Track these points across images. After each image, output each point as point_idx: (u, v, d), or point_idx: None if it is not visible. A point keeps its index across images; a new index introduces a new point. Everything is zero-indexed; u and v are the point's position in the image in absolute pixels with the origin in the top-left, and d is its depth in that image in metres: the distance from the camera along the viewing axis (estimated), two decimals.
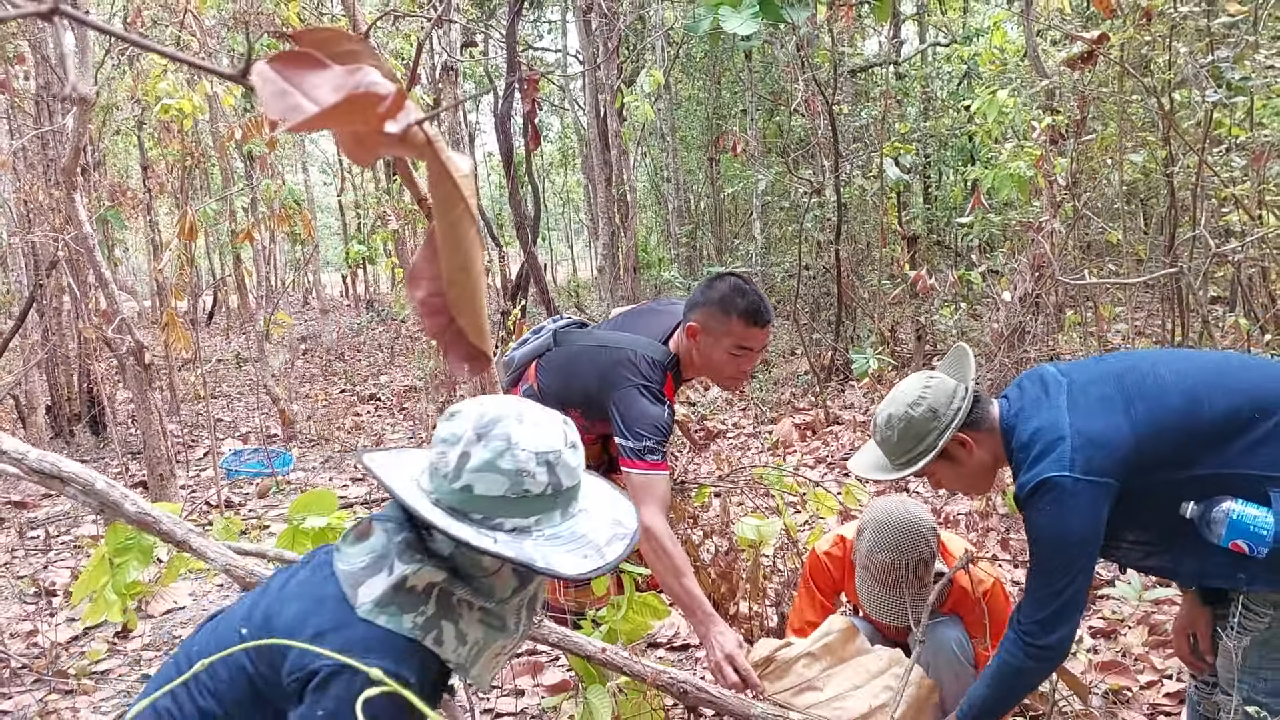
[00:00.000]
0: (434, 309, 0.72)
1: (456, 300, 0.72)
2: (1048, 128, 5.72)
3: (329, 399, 10.78)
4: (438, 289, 0.72)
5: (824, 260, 9.82)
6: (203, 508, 6.44)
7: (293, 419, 8.84)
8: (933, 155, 10.55)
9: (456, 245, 0.71)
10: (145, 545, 2.78)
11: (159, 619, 4.62)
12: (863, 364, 7.65)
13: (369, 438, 8.71)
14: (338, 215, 22.80)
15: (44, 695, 3.81)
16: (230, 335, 17.50)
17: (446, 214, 0.70)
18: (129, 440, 8.54)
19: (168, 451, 5.85)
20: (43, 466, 2.50)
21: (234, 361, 13.77)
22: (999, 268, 8.13)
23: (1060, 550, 2.06)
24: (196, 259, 10.06)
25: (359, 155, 0.69)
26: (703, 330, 2.80)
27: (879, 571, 2.61)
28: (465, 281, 0.71)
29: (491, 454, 1.52)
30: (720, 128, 13.40)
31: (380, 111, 0.60)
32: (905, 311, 8.95)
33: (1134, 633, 3.52)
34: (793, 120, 11.48)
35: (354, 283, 22.90)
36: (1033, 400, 2.17)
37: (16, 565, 5.58)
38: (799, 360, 9.70)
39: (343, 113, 0.58)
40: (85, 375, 8.80)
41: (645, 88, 9.18)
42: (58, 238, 6.62)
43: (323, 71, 0.60)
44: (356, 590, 1.54)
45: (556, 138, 21.09)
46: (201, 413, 9.65)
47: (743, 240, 12.96)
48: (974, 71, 10.01)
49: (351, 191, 20.96)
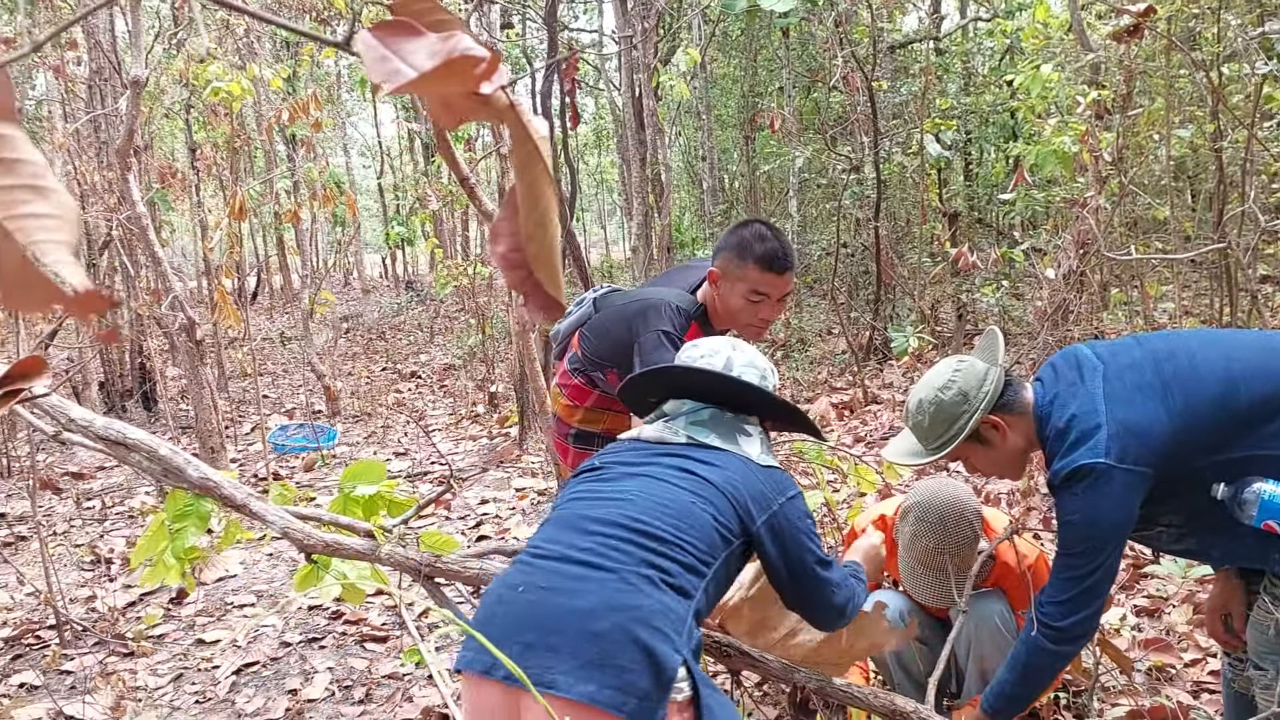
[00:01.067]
0: (514, 263, 0.77)
1: (535, 254, 0.76)
2: (1093, 102, 5.65)
3: (371, 376, 10.93)
4: (517, 244, 0.77)
5: (862, 238, 9.79)
6: (251, 480, 6.58)
7: (337, 395, 8.98)
8: (974, 132, 10.45)
9: (535, 203, 0.75)
10: (202, 512, 2.86)
11: (211, 586, 4.76)
12: (902, 342, 7.63)
13: (410, 413, 8.83)
14: (377, 198, 22.98)
15: (104, 657, 3.94)
16: (274, 314, 17.75)
17: (526, 173, 0.74)
18: (180, 415, 8.73)
19: (218, 425, 5.99)
20: (109, 434, 2.59)
21: (279, 340, 13.99)
22: (1042, 245, 8.07)
23: (1090, 536, 2.06)
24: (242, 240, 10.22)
25: (446, 119, 0.73)
26: (722, 275, 2.81)
27: (922, 555, 2.62)
28: (543, 237, 0.76)
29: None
30: (756, 106, 13.34)
31: (476, 74, 0.65)
32: (946, 290, 8.91)
33: (1178, 611, 3.52)
34: (831, 97, 11.41)
35: (394, 264, 23.09)
36: (1068, 385, 2.16)
37: (74, 534, 5.75)
38: (836, 339, 9.69)
39: (440, 76, 0.63)
40: (137, 352, 9.00)
41: (681, 66, 9.19)
42: (111, 218, 6.76)
43: (419, 38, 0.65)
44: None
45: (591, 118, 21.09)
46: (248, 389, 9.83)
47: (779, 219, 12.92)
48: (1016, 46, 9.89)
49: (391, 174, 21.12)
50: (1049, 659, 2.17)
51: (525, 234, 0.76)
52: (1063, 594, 2.11)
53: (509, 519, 5.46)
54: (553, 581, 1.71)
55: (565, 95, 7.38)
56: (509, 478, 6.37)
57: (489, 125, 7.52)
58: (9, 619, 4.40)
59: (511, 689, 1.61)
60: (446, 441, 7.65)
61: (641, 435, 2.11)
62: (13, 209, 0.60)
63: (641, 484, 1.89)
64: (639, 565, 1.71)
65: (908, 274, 9.15)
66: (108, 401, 8.91)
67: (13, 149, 0.60)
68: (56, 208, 0.60)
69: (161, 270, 5.67)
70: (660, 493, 1.85)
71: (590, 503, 1.90)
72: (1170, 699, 2.85)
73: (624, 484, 1.91)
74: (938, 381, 2.28)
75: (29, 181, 0.60)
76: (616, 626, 1.61)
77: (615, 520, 1.80)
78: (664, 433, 2.07)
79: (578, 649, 1.59)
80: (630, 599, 1.66)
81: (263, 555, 5.16)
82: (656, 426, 2.11)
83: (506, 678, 1.61)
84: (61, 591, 4.36)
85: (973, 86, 10.62)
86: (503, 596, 1.74)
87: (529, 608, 1.68)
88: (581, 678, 1.56)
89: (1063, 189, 7.16)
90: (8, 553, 5.41)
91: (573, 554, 1.75)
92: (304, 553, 2.49)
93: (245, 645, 4.02)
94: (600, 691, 1.54)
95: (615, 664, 1.57)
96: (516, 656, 1.60)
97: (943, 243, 8.66)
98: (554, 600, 1.67)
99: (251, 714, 3.44)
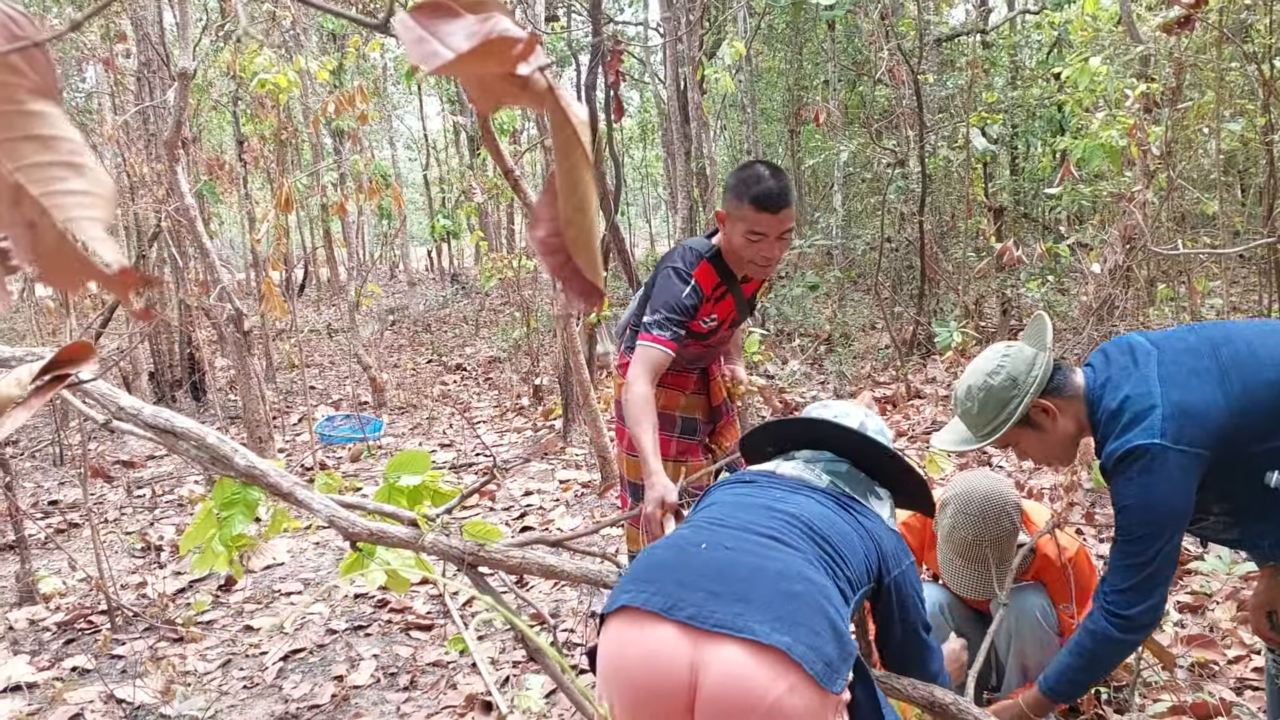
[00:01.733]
0: (553, 248, 0.78)
1: (574, 240, 0.77)
2: (1141, 96, 5.56)
3: (417, 368, 11.03)
4: (556, 229, 0.77)
5: (906, 233, 9.70)
6: (298, 470, 6.67)
7: (382, 387, 9.08)
8: (1020, 126, 10.31)
9: (574, 188, 0.76)
10: (250, 500, 2.90)
11: (259, 573, 4.83)
12: (946, 337, 7.56)
13: (456, 405, 8.91)
14: (422, 190, 23.14)
15: (154, 642, 4.02)
16: (321, 307, 17.96)
17: (566, 158, 0.75)
18: (228, 405, 8.87)
19: (266, 416, 6.07)
20: (157, 421, 2.63)
21: (325, 332, 14.16)
22: (1088, 240, 7.94)
23: (1148, 520, 2.03)
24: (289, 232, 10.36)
25: (484, 102, 0.74)
26: (725, 215, 2.90)
27: (961, 547, 2.61)
28: (582, 222, 0.77)
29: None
30: (801, 99, 13.27)
31: (514, 55, 0.65)
32: (990, 285, 8.81)
33: (1221, 608, 3.47)
34: (876, 91, 11.32)
35: (439, 257, 23.26)
36: (1121, 369, 2.13)
37: (125, 521, 5.87)
38: (880, 334, 9.62)
39: (478, 57, 0.64)
40: (186, 343, 9.15)
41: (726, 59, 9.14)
42: (159, 209, 6.88)
43: (457, 19, 0.66)
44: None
45: (636, 112, 21.09)
46: (296, 380, 9.97)
47: (823, 213, 12.85)
48: (1065, 39, 9.75)
49: (437, 167, 21.26)
50: (1114, 647, 2.15)
51: (564, 219, 0.76)
52: (1125, 582, 2.08)
53: (552, 510, 5.49)
54: (739, 544, 1.73)
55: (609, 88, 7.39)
56: (553, 470, 6.40)
57: (533, 118, 7.54)
58: (62, 604, 4.50)
59: (691, 630, 1.59)
60: (491, 434, 7.71)
61: (778, 470, 2.10)
62: (50, 185, 0.61)
63: (805, 502, 1.91)
64: (816, 558, 1.74)
65: (952, 269, 9.06)
66: (157, 392, 9.07)
67: (50, 126, 0.61)
68: (93, 185, 0.61)
69: (210, 262, 5.76)
70: (825, 513, 1.88)
71: (759, 498, 1.92)
72: (1213, 695, 2.81)
73: (788, 495, 1.93)
74: (986, 367, 2.26)
75: (66, 159, 0.61)
76: (808, 594, 1.63)
77: (793, 514, 1.83)
78: (804, 472, 2.06)
79: (771, 603, 1.59)
80: (818, 577, 1.68)
81: (309, 544, 5.24)
82: (795, 465, 2.09)
83: (691, 619, 1.59)
84: (113, 577, 4.46)
85: (1020, 80, 10.47)
86: (683, 550, 1.75)
87: (715, 562, 1.69)
88: (778, 628, 1.56)
89: (1110, 183, 7.04)
90: (61, 539, 5.54)
91: (756, 528, 1.78)
92: (349, 540, 2.52)
93: (292, 632, 4.08)
94: (795, 645, 1.54)
95: (807, 625, 1.58)
96: (701, 603, 1.60)
97: (988, 237, 8.56)
98: (743, 559, 1.68)
99: (298, 699, 3.49)
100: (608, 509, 5.45)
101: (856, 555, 1.83)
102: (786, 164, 14.44)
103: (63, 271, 0.63)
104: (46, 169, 0.61)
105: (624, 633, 1.67)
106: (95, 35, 8.90)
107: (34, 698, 3.59)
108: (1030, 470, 5.25)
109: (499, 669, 3.57)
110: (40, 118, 0.61)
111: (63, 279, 0.64)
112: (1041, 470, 5.22)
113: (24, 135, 0.62)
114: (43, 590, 4.58)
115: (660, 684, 1.59)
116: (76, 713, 3.46)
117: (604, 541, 4.67)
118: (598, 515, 5.32)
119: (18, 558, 4.59)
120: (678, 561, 1.72)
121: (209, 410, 8.75)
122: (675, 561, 1.72)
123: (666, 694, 1.59)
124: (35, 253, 0.62)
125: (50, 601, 4.52)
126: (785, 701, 1.52)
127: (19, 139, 0.61)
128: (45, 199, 0.61)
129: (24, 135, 0.62)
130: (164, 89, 7.56)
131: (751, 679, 1.53)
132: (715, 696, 1.55)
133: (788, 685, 1.52)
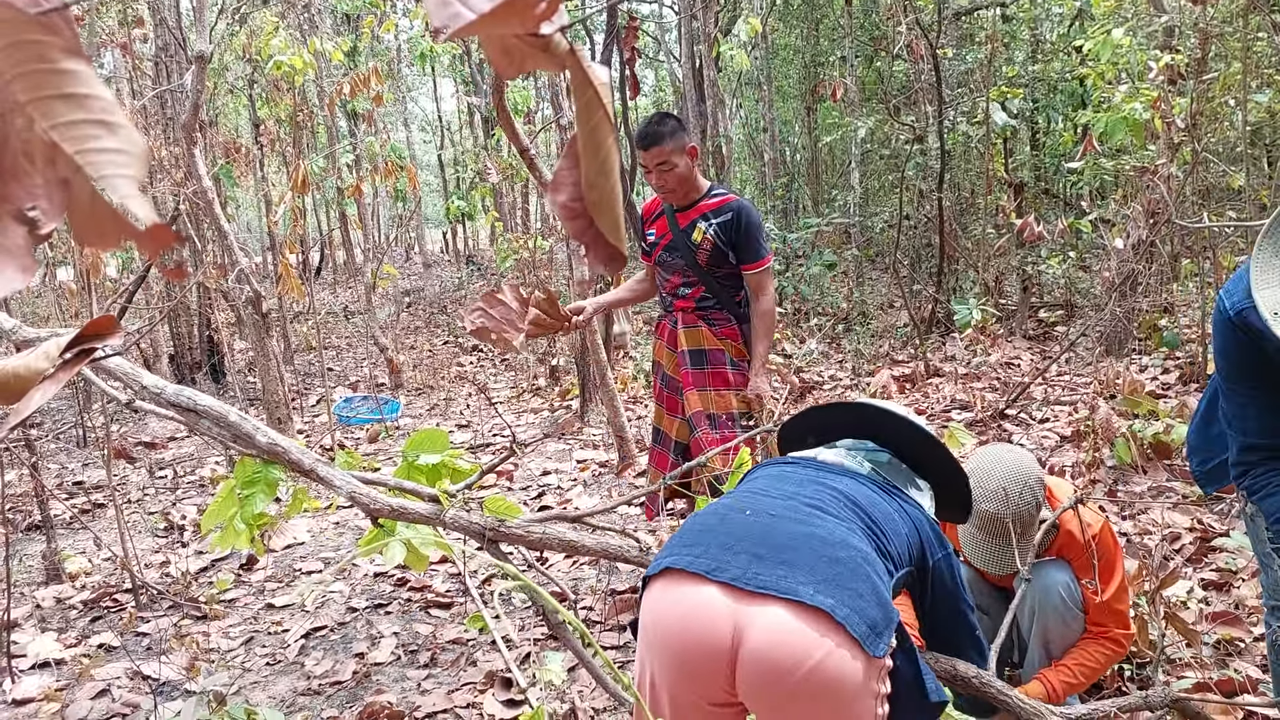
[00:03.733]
0: (574, 213, 0.77)
1: (596, 203, 0.76)
2: (1165, 67, 5.50)
3: (433, 350, 11.06)
4: (578, 194, 0.77)
5: (925, 210, 9.64)
6: (318, 450, 6.71)
7: (400, 368, 9.10)
8: (1041, 100, 10.20)
9: (595, 151, 0.75)
10: (270, 479, 2.91)
11: (280, 553, 4.86)
12: (965, 315, 7.52)
13: (474, 385, 8.93)
14: (437, 172, 23.14)
15: (178, 620, 4.06)
16: (338, 289, 18.02)
17: (587, 120, 0.74)
18: (247, 387, 8.92)
19: (284, 397, 6.10)
20: (180, 400, 2.65)
21: (343, 314, 14.20)
22: (1110, 216, 7.87)
23: None
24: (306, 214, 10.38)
25: (506, 66, 0.73)
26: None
27: (984, 521, 2.57)
28: (604, 185, 0.76)
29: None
30: (818, 76, 13.18)
31: (536, 14, 0.64)
32: (1010, 262, 8.75)
33: (1247, 585, 3.45)
34: (894, 66, 11.22)
35: (454, 238, 23.26)
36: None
37: (148, 502, 5.92)
38: (898, 312, 9.57)
39: (500, 16, 0.63)
40: (205, 325, 9.20)
41: (742, 36, 9.09)
42: (178, 193, 6.89)
43: None
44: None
45: (651, 90, 21.00)
46: (314, 362, 10.01)
47: (840, 190, 12.78)
48: (1086, 11, 9.62)
49: (451, 148, 21.25)
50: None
51: (587, 182, 0.76)
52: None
53: (570, 490, 5.50)
54: (784, 512, 1.75)
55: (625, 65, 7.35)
56: (570, 449, 6.41)
57: (548, 98, 7.51)
58: (88, 583, 4.55)
59: (735, 590, 1.60)
60: (508, 414, 7.72)
61: (819, 457, 2.10)
62: (83, 144, 0.61)
63: (849, 483, 1.92)
64: (860, 529, 1.75)
65: (972, 246, 9.00)
66: (177, 374, 9.13)
67: (83, 84, 0.61)
68: (125, 143, 0.61)
69: (227, 244, 5.78)
70: (868, 494, 1.89)
71: (804, 473, 1.94)
72: (1239, 673, 2.79)
73: (829, 476, 1.94)
74: None
75: (99, 117, 0.61)
76: (852, 559, 1.64)
77: (838, 489, 1.85)
78: (845, 459, 2.07)
79: (815, 567, 1.61)
80: (862, 544, 1.70)
81: (329, 524, 5.27)
82: (838, 453, 2.10)
83: (735, 580, 1.60)
84: (137, 557, 4.49)
85: (1040, 53, 10.36)
86: (726, 516, 1.77)
87: (759, 527, 1.71)
88: (822, 590, 1.57)
89: (1133, 157, 6.97)
90: (85, 519, 5.59)
91: (802, 497, 1.80)
92: (370, 517, 2.53)
93: (313, 610, 4.11)
94: (839, 607, 1.55)
95: (851, 588, 1.59)
96: (745, 565, 1.62)
97: (1008, 214, 8.49)
98: (787, 526, 1.70)
99: (320, 676, 3.52)
100: (625, 488, 5.45)
101: (899, 535, 1.83)
102: (803, 142, 14.36)
103: (96, 229, 0.63)
104: (80, 127, 0.61)
105: (667, 593, 1.67)
106: (113, 20, 8.92)
107: (61, 673, 3.63)
108: (1051, 448, 5.22)
109: (519, 646, 3.58)
110: (73, 76, 0.61)
111: (97, 236, 0.63)
112: (1063, 448, 5.19)
113: (57, 94, 0.61)
114: (69, 569, 4.63)
115: (702, 643, 1.60)
116: (103, 688, 3.50)
117: (622, 520, 4.67)
118: (615, 494, 5.33)
119: (44, 538, 4.64)
120: (721, 527, 1.73)
121: (228, 392, 8.80)
122: (719, 526, 1.74)
123: (708, 654, 1.59)
124: (70, 210, 0.62)
125: (76, 580, 4.57)
126: (827, 662, 1.53)
127: (53, 97, 0.61)
128: (79, 156, 0.61)
129: (57, 94, 0.61)
130: (181, 73, 7.57)
131: (795, 639, 1.53)
132: (758, 656, 1.55)
133: (832, 645, 1.53)
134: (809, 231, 10.66)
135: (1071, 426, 5.33)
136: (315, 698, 3.37)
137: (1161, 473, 4.59)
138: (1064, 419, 5.66)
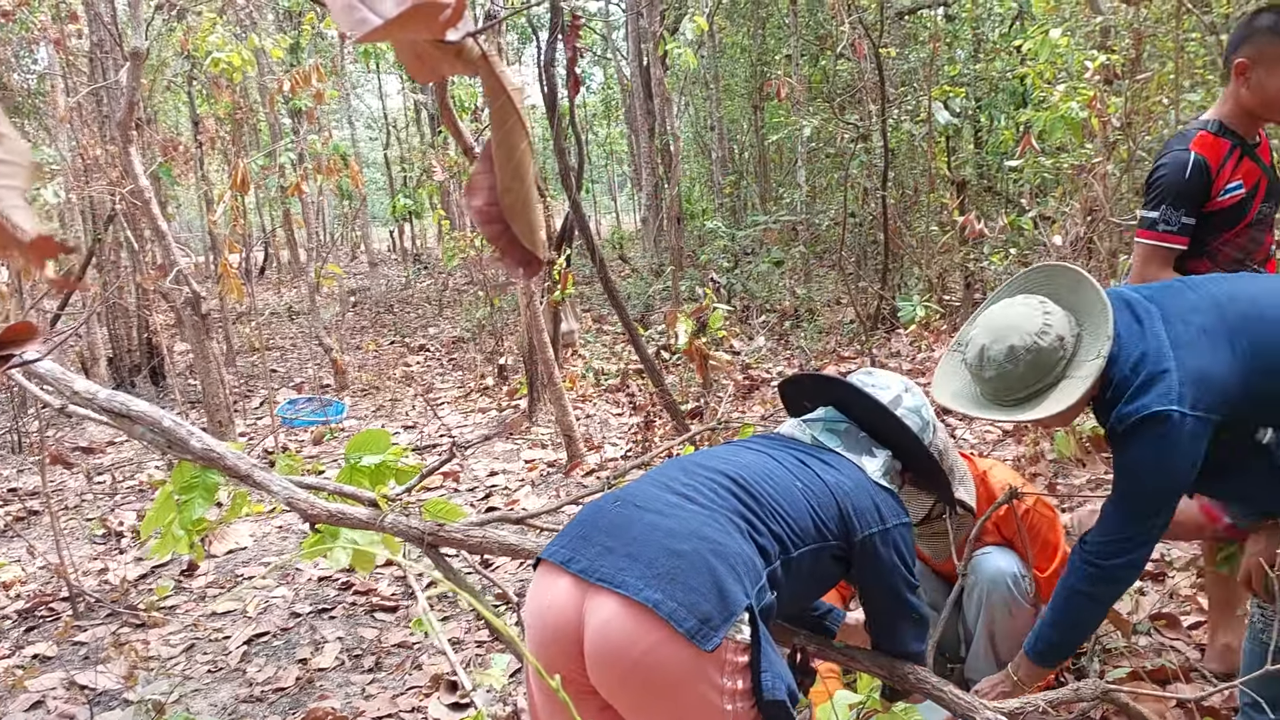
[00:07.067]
0: (490, 217, 0.77)
1: (511, 207, 0.76)
2: (1101, 67, 5.60)
3: (379, 350, 10.95)
4: (493, 198, 0.76)
5: (870, 207, 9.73)
6: (260, 454, 6.61)
7: (345, 369, 9.01)
8: (983, 99, 10.34)
9: (510, 155, 0.75)
10: (209, 483, 2.86)
11: (222, 558, 4.79)
12: (909, 311, 7.60)
13: (418, 387, 8.86)
14: (383, 170, 22.91)
15: (117, 628, 3.98)
16: (282, 289, 17.78)
17: (501, 125, 0.74)
18: (188, 390, 8.76)
19: (226, 400, 6.01)
20: (113, 405, 2.60)
21: (286, 314, 14.01)
22: (1050, 213, 7.99)
23: (1158, 486, 2.00)
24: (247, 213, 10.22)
25: (420, 73, 0.73)
26: (1254, 62, 2.62)
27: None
28: (519, 189, 0.76)
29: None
30: (764, 74, 13.23)
31: (441, 21, 0.64)
32: (954, 259, 8.86)
33: (1182, 575, 3.52)
34: (838, 65, 11.32)
35: (400, 237, 23.04)
36: (1125, 327, 2.04)
37: (86, 508, 5.79)
38: (844, 309, 9.66)
39: (406, 22, 0.62)
40: (144, 327, 9.02)
41: (688, 35, 9.11)
42: (114, 192, 6.76)
43: None
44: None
45: (599, 88, 20.97)
46: (257, 363, 9.87)
47: (788, 188, 12.85)
48: (1026, 11, 9.77)
49: (397, 146, 21.05)
50: (1089, 599, 2.12)
51: (501, 187, 0.75)
52: (1114, 534, 2.05)
53: (518, 490, 5.48)
54: (648, 503, 1.82)
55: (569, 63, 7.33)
56: (518, 449, 6.39)
57: None
58: (22, 591, 4.45)
59: (581, 582, 1.72)
60: (455, 414, 7.67)
61: (779, 430, 2.21)
62: None
63: (756, 458, 2.00)
64: (731, 513, 1.80)
65: (916, 243, 9.10)
66: (116, 377, 8.95)
67: None
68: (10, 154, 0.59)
69: (166, 244, 5.68)
70: (769, 469, 1.95)
71: (705, 456, 2.03)
72: (1172, 663, 2.85)
73: (741, 454, 2.02)
74: (1032, 326, 2.09)
75: None
76: (696, 552, 1.70)
77: (721, 470, 1.91)
78: (795, 431, 2.17)
79: (654, 561, 1.68)
80: (715, 534, 1.74)
81: (273, 528, 5.20)
82: (792, 424, 2.20)
83: (582, 571, 1.72)
84: (74, 564, 4.40)
85: (982, 53, 10.51)
86: (601, 507, 1.87)
87: (620, 519, 1.80)
88: (651, 585, 1.65)
89: (1071, 155, 7.08)
90: (20, 527, 5.46)
91: (674, 485, 1.87)
92: (308, 522, 2.50)
93: (256, 616, 4.05)
94: (665, 602, 1.63)
95: (685, 583, 1.65)
96: (595, 556, 1.73)
97: (951, 211, 8.60)
98: (644, 517, 1.78)
99: (262, 683, 3.47)
100: (573, 488, 5.44)
101: (798, 511, 1.88)
102: (750, 140, 14.42)
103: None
104: None
105: (537, 583, 1.82)
106: (46, 15, 8.71)
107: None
108: (994, 442, 5.30)
109: (464, 649, 3.56)
110: None
111: None
112: (1004, 441, 5.27)
113: None
114: (2, 578, 4.52)
115: (557, 629, 1.73)
116: (38, 699, 3.42)
117: (567, 520, 4.66)
118: (563, 494, 5.31)
119: None
120: (590, 518, 1.85)
121: (168, 395, 8.65)
122: (588, 518, 1.85)
123: (562, 639, 1.72)
124: None
125: (10, 589, 4.46)
126: (654, 654, 1.62)
127: None
128: None
129: None
130: (116, 69, 7.41)
131: (621, 630, 1.65)
132: (594, 643, 1.68)
133: (656, 639, 1.62)
134: (757, 229, 10.72)
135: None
136: (258, 704, 3.33)
137: (1100, 465, 4.68)
138: None
